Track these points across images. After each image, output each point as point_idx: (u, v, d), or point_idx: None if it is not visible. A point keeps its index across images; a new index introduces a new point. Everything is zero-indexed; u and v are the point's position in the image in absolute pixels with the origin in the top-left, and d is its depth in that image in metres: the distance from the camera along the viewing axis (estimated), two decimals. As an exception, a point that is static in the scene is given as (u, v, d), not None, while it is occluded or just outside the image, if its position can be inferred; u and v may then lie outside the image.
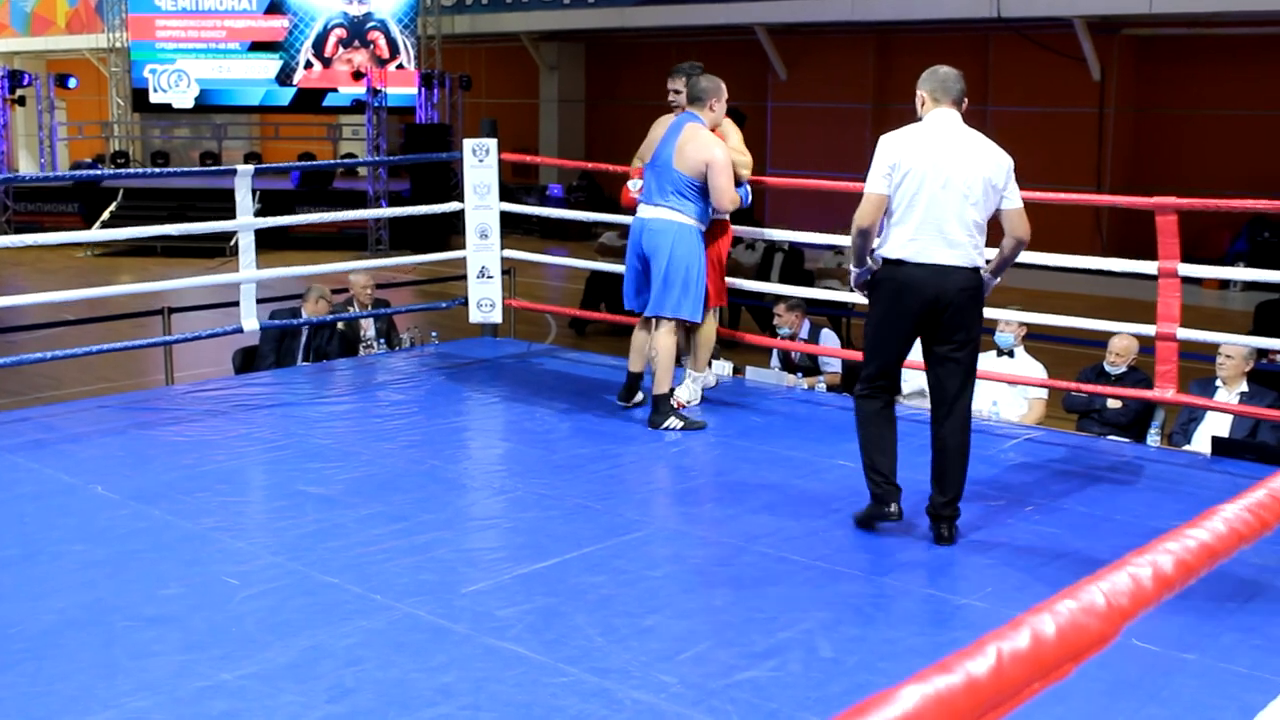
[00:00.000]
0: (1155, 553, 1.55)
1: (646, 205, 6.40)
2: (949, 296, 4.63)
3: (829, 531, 4.80)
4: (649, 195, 6.39)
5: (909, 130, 4.82)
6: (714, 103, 6.43)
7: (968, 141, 4.78)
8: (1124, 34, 18.83)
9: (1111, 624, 1.44)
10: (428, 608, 3.98)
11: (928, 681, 1.26)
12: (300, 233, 19.18)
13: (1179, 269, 5.91)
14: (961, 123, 4.85)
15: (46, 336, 9.98)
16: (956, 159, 4.70)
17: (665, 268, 6.25)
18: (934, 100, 4.87)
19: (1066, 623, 1.40)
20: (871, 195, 4.72)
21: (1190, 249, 8.56)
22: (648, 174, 6.46)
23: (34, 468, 5.47)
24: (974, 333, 4.77)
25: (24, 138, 27.95)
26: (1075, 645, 1.39)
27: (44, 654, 3.62)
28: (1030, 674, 1.34)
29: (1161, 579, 1.52)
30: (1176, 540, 1.59)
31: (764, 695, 3.41)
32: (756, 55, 21.69)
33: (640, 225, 6.40)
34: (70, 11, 30.57)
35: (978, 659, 1.30)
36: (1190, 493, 5.48)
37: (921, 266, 4.63)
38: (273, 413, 6.48)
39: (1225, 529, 1.65)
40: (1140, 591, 1.49)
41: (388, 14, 24.03)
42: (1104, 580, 1.48)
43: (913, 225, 4.65)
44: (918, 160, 4.68)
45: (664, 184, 6.32)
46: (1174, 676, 3.58)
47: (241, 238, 7.29)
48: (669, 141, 6.37)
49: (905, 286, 4.67)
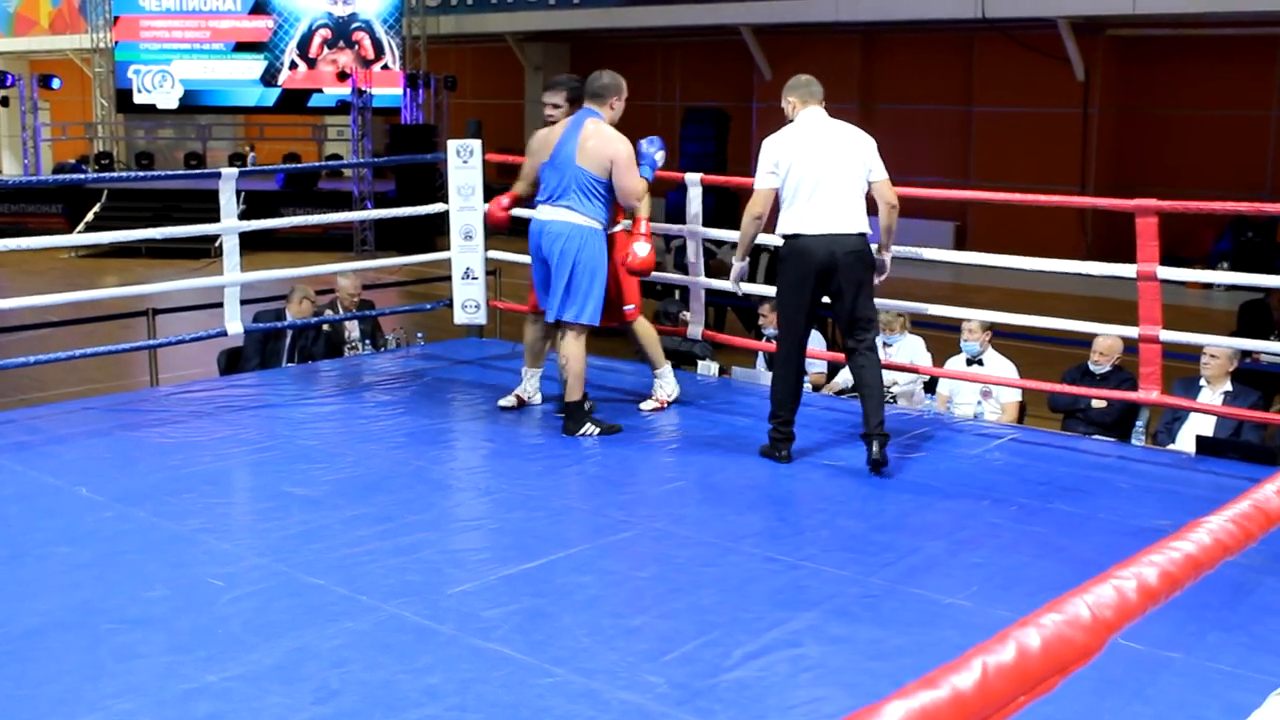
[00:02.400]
0: (1140, 564, 1.55)
1: (545, 205, 6.12)
2: (839, 257, 5.56)
3: (815, 531, 4.81)
4: (548, 194, 6.10)
5: (787, 131, 5.71)
6: (614, 100, 6.21)
7: (837, 130, 5.71)
8: (1108, 34, 18.90)
9: (1096, 636, 1.44)
10: (414, 609, 3.97)
11: (913, 697, 1.25)
12: (285, 234, 19.13)
13: (1158, 272, 5.92)
14: (828, 116, 5.76)
15: (31, 338, 9.94)
16: (832, 145, 5.64)
17: (569, 272, 6.03)
18: (802, 103, 5.77)
19: (1051, 635, 1.39)
20: (762, 190, 5.68)
21: (1174, 248, 8.60)
22: (545, 173, 6.13)
23: (18, 469, 5.46)
24: (868, 286, 5.69)
25: (7, 139, 27.91)
26: (1060, 658, 1.39)
27: (29, 656, 3.61)
28: (1016, 688, 1.33)
29: (1146, 591, 1.52)
30: (1161, 552, 1.59)
31: (751, 695, 3.41)
32: (742, 55, 21.72)
33: (539, 228, 6.15)
34: (54, 12, 30.49)
35: (963, 673, 1.30)
36: (1175, 492, 5.50)
37: (815, 237, 5.54)
38: (258, 414, 6.46)
39: (1210, 540, 1.65)
40: (1125, 604, 1.49)
41: (372, 14, 24.01)
42: (1089, 593, 1.48)
43: (803, 205, 5.56)
44: (799, 153, 5.59)
45: (564, 182, 6.04)
46: (1160, 675, 3.59)
47: (226, 241, 7.27)
48: (569, 139, 6.07)
49: (805, 252, 5.56)
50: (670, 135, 21.03)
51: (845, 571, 4.38)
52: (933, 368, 7.50)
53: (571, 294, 6.03)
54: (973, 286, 15.69)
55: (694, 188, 7.20)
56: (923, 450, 6.00)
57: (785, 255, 5.66)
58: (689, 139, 19.72)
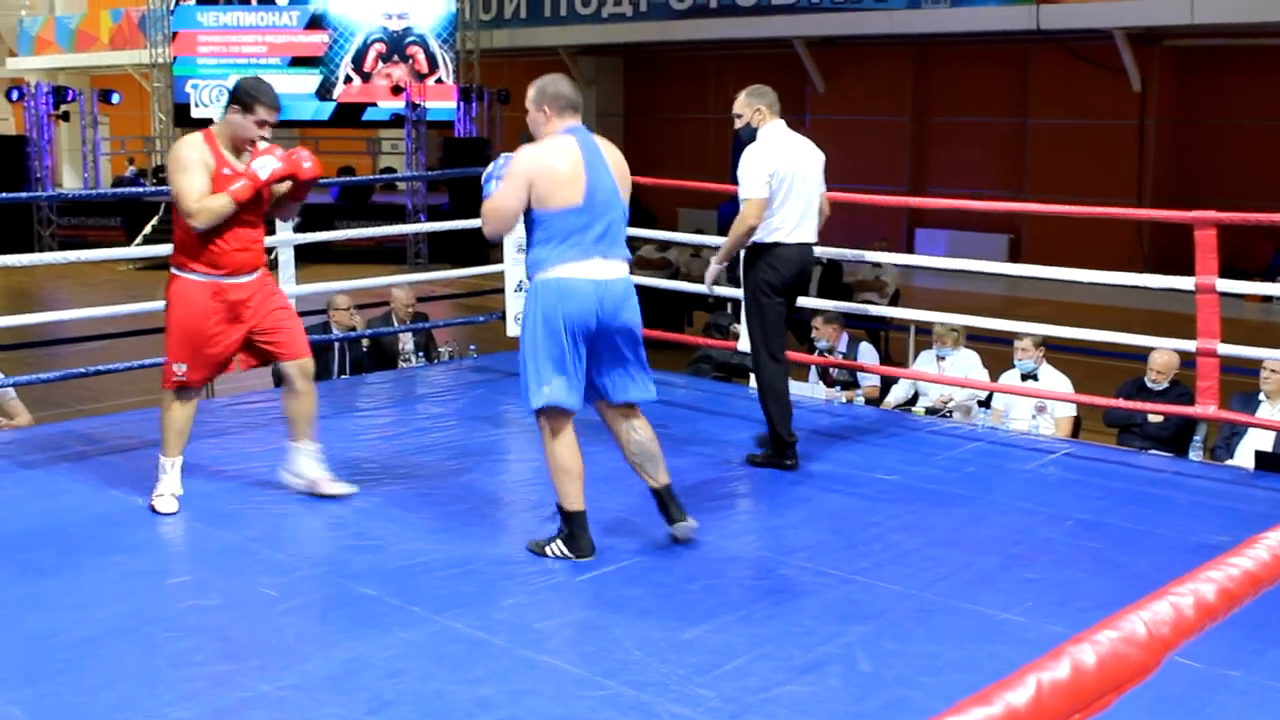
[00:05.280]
0: (1197, 581, 1.53)
1: (602, 260, 4.49)
2: (808, 266, 5.91)
3: (868, 545, 4.78)
4: (598, 247, 4.48)
5: (771, 141, 5.77)
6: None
7: (803, 143, 5.91)
8: (1165, 45, 18.72)
9: (1153, 654, 1.42)
10: (466, 620, 3.98)
11: (966, 713, 1.24)
12: (339, 247, 19.28)
13: (1217, 284, 5.84)
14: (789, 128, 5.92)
15: (89, 350, 10.07)
16: (804, 158, 5.83)
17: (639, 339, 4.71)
18: (771, 113, 5.83)
19: (1107, 652, 1.37)
20: (759, 200, 5.68)
21: (1233, 261, 8.49)
22: (580, 218, 4.45)
23: (77, 480, 5.52)
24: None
25: (68, 152, 28.25)
26: (1116, 676, 1.37)
27: (85, 663, 3.65)
28: (1070, 706, 1.31)
29: (1204, 608, 1.50)
30: (1219, 568, 1.56)
31: (802, 710, 3.40)
32: (795, 69, 21.67)
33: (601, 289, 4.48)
34: (114, 28, 30.92)
35: (1017, 690, 1.28)
36: (1233, 508, 5.43)
37: (794, 246, 5.77)
38: (312, 425, 6.49)
39: (1269, 556, 1.62)
40: (1182, 620, 1.47)
41: (427, 29, 24.17)
42: (1145, 609, 1.46)
43: (784, 214, 5.72)
44: (783, 163, 5.72)
45: (616, 227, 4.57)
46: (1218, 694, 3.54)
47: (281, 253, 7.33)
48: (599, 167, 4.53)
49: (786, 262, 5.76)
50: (722, 148, 21.01)
51: (898, 586, 4.35)
52: (987, 382, 7.45)
53: (644, 364, 4.73)
54: (1027, 300, 15.58)
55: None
56: (977, 465, 5.96)
57: (763, 262, 5.77)
58: (741, 152, 19.69)
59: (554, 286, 4.41)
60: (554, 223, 4.43)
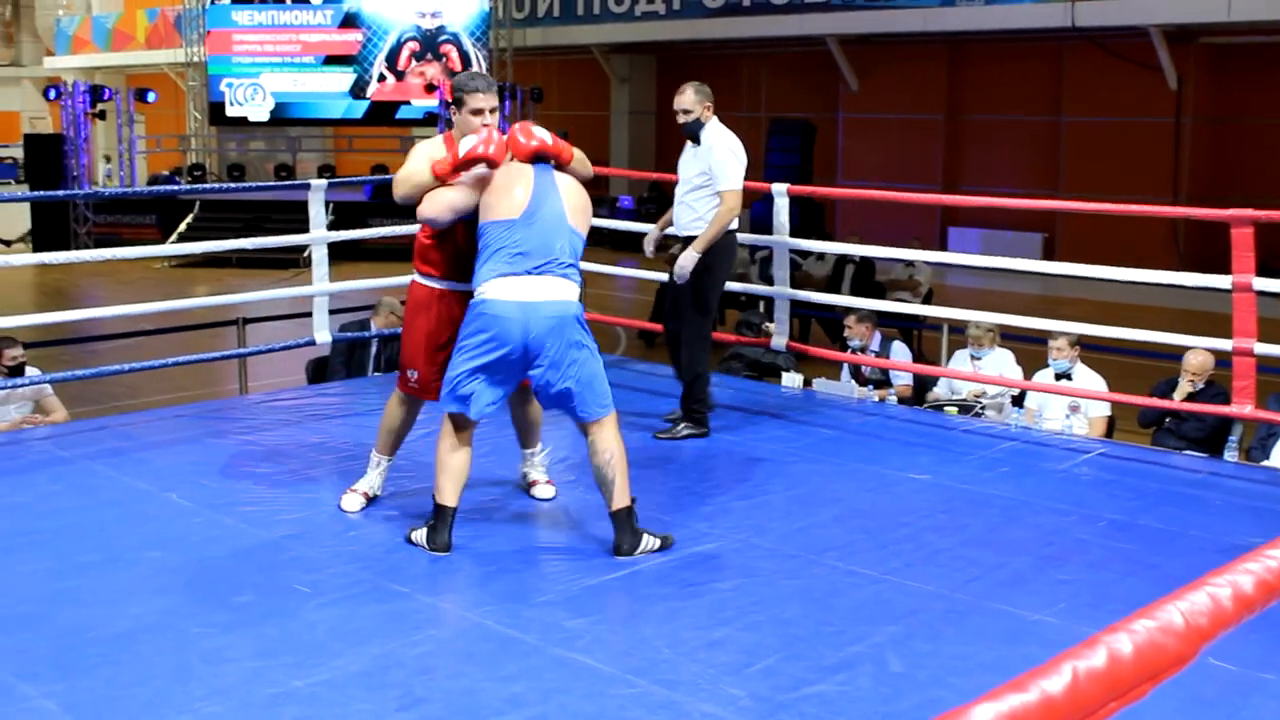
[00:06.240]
0: (1235, 572, 1.52)
1: (533, 279, 4.53)
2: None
3: (899, 545, 4.76)
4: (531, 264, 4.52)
5: (727, 136, 6.23)
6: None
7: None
8: (1201, 42, 18.58)
9: (1190, 644, 1.41)
10: (497, 618, 3.99)
11: (1001, 700, 1.24)
12: (373, 245, 19.32)
13: (1254, 283, 5.79)
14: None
15: (125, 347, 10.15)
16: None
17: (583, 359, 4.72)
18: (712, 112, 6.26)
19: (1144, 642, 1.37)
20: (740, 191, 6.25)
21: (1269, 259, 8.42)
22: (522, 230, 4.54)
23: (112, 475, 5.56)
24: None
25: (104, 151, 28.46)
26: (1152, 665, 1.36)
27: (120, 658, 3.67)
28: (1106, 694, 1.31)
29: (1242, 599, 1.49)
30: (1257, 560, 1.55)
31: (833, 709, 3.39)
32: (828, 66, 21.62)
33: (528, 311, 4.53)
34: (150, 27, 31.14)
35: (1053, 678, 1.28)
36: (1269, 509, 5.38)
37: (734, 233, 6.45)
38: (345, 422, 6.53)
39: (1307, 551, 1.61)
40: (1219, 612, 1.46)
41: (460, 27, 24.23)
42: (1182, 600, 1.45)
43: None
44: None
45: (560, 250, 4.61)
46: (1253, 697, 3.51)
47: (315, 251, 7.36)
48: (551, 189, 4.66)
49: (735, 248, 6.55)
50: (756, 146, 21.10)
51: (929, 586, 4.34)
52: (1021, 381, 7.41)
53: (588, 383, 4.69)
54: (1062, 298, 15.50)
55: (780, 198, 7.17)
56: (1010, 464, 5.93)
57: (721, 251, 6.30)
58: (774, 150, 19.68)
59: (480, 310, 4.55)
60: (490, 233, 4.58)
